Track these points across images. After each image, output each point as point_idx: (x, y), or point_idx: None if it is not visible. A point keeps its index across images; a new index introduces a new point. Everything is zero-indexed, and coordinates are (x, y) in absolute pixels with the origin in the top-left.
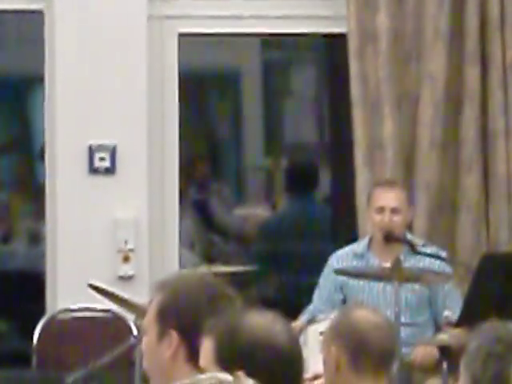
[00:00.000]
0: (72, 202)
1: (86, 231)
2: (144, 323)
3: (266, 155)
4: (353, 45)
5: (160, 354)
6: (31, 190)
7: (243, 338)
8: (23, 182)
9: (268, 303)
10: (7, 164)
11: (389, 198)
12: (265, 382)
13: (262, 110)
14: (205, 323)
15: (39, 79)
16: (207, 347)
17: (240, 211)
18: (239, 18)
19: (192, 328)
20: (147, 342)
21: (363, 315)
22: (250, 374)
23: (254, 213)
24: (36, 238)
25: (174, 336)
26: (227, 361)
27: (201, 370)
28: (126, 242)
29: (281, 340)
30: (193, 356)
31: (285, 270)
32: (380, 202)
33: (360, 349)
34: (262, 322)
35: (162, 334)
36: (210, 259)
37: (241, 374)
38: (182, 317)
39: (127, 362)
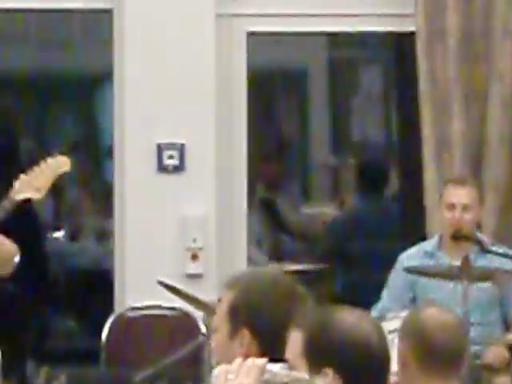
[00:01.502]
0: (141, 200)
1: (154, 229)
2: (214, 321)
3: (333, 154)
4: (421, 43)
5: (232, 352)
6: (99, 188)
7: (333, 334)
8: (91, 180)
9: (336, 301)
10: (76, 162)
11: (460, 194)
12: (353, 380)
13: (329, 108)
14: (276, 320)
15: (107, 78)
16: (295, 341)
17: (307, 210)
18: (307, 16)
19: (263, 325)
20: (218, 340)
21: (432, 315)
22: (338, 371)
23: (321, 211)
24: (104, 236)
25: (245, 333)
26: (316, 356)
27: None
28: (194, 240)
29: (371, 337)
30: (265, 353)
31: (353, 269)
32: (451, 199)
33: (427, 349)
34: (352, 319)
35: (233, 332)
36: (276, 257)
37: (329, 371)
38: (254, 314)
39: (196, 360)
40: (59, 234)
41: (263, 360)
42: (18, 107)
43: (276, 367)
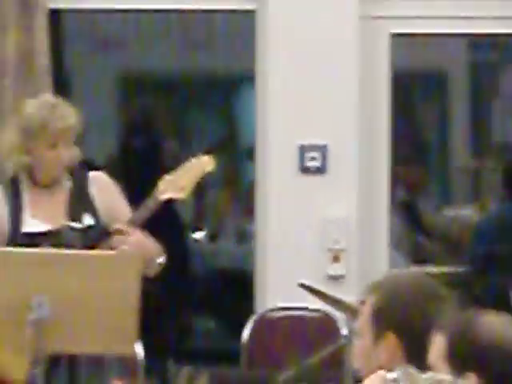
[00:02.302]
0: (282, 201)
1: (295, 230)
2: (358, 325)
3: (473, 156)
4: None
5: (376, 356)
6: (240, 189)
7: (477, 338)
8: (231, 181)
9: (480, 304)
10: (217, 163)
11: None
12: None
13: (470, 110)
14: (420, 323)
15: (250, 79)
16: (438, 344)
17: (447, 212)
18: (449, 18)
19: (409, 328)
20: (362, 344)
21: None
22: (481, 375)
23: (462, 213)
24: (243, 237)
25: (390, 337)
26: (459, 360)
27: (419, 371)
28: (335, 242)
29: None
30: (410, 357)
31: (499, 272)
32: None
33: None
34: (498, 324)
35: (378, 336)
36: (416, 260)
37: (472, 374)
38: (399, 317)
39: (337, 361)
40: (200, 235)
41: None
42: (161, 108)
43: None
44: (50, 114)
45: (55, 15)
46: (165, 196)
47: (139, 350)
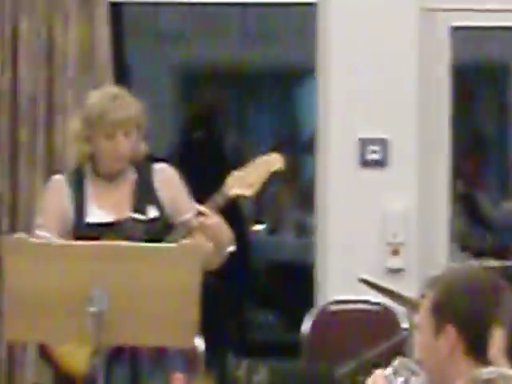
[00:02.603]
0: (342, 195)
1: (355, 223)
2: (418, 319)
3: None
4: None
5: (437, 350)
6: (300, 182)
7: None
8: (291, 174)
9: None
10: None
11: None
12: None
13: None
14: (480, 316)
15: (310, 72)
16: (498, 338)
17: (507, 205)
18: (510, 11)
19: (469, 322)
20: (422, 338)
21: None
22: None
23: None
24: (304, 230)
25: (451, 331)
26: None
27: (481, 364)
28: (395, 235)
29: None
30: (471, 350)
31: None
32: None
33: None
34: None
35: (438, 330)
36: (476, 253)
37: None
38: (459, 311)
39: (397, 355)
40: (260, 228)
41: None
42: (221, 101)
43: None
44: (109, 104)
45: (116, 8)
46: (233, 192)
47: (200, 343)
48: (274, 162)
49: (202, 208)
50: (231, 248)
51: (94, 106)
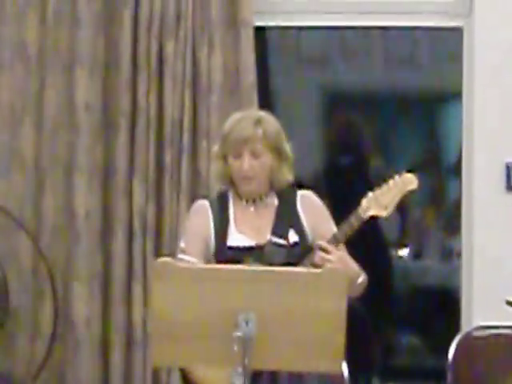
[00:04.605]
0: (488, 219)
1: (501, 248)
2: None
3: None
4: None
5: None
6: (444, 206)
7: None
8: (436, 198)
9: None
10: (421, 180)
11: None
12: None
13: None
14: None
15: (454, 96)
16: None
17: None
18: None
19: None
20: None
21: None
22: None
23: None
24: (449, 254)
25: None
26: None
27: None
28: None
29: None
30: None
31: None
32: None
33: None
34: None
35: None
36: None
37: None
38: None
39: None
40: (404, 252)
41: None
42: (365, 125)
43: None
44: (234, 123)
45: (260, 32)
46: (368, 213)
47: (344, 367)
48: (409, 182)
49: (323, 244)
50: (360, 279)
51: (226, 125)
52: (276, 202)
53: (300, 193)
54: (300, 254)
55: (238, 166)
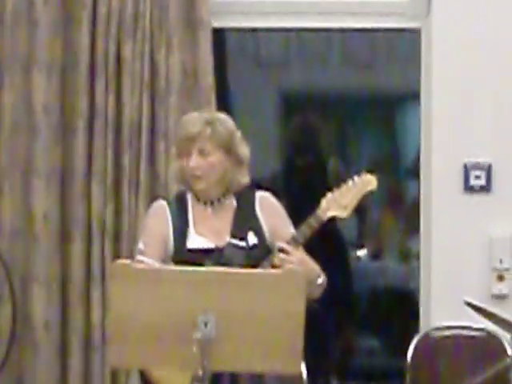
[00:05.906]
0: (446, 220)
1: (460, 249)
2: None
3: None
4: None
5: None
6: (402, 207)
7: None
8: (395, 199)
9: None
10: (379, 181)
11: None
12: None
13: None
14: None
15: (412, 97)
16: None
17: None
18: None
19: None
20: None
21: None
22: None
23: None
24: (407, 255)
25: None
26: None
27: None
28: (500, 261)
29: None
30: None
31: None
32: None
33: None
34: None
35: None
36: None
37: None
38: None
39: (502, 382)
40: (363, 253)
41: None
42: (322, 126)
43: None
44: (186, 123)
45: (219, 34)
46: (327, 214)
47: (303, 368)
48: (368, 183)
49: (283, 245)
50: (320, 280)
51: (179, 124)
52: (234, 203)
53: (258, 194)
54: (259, 255)
55: (186, 164)
